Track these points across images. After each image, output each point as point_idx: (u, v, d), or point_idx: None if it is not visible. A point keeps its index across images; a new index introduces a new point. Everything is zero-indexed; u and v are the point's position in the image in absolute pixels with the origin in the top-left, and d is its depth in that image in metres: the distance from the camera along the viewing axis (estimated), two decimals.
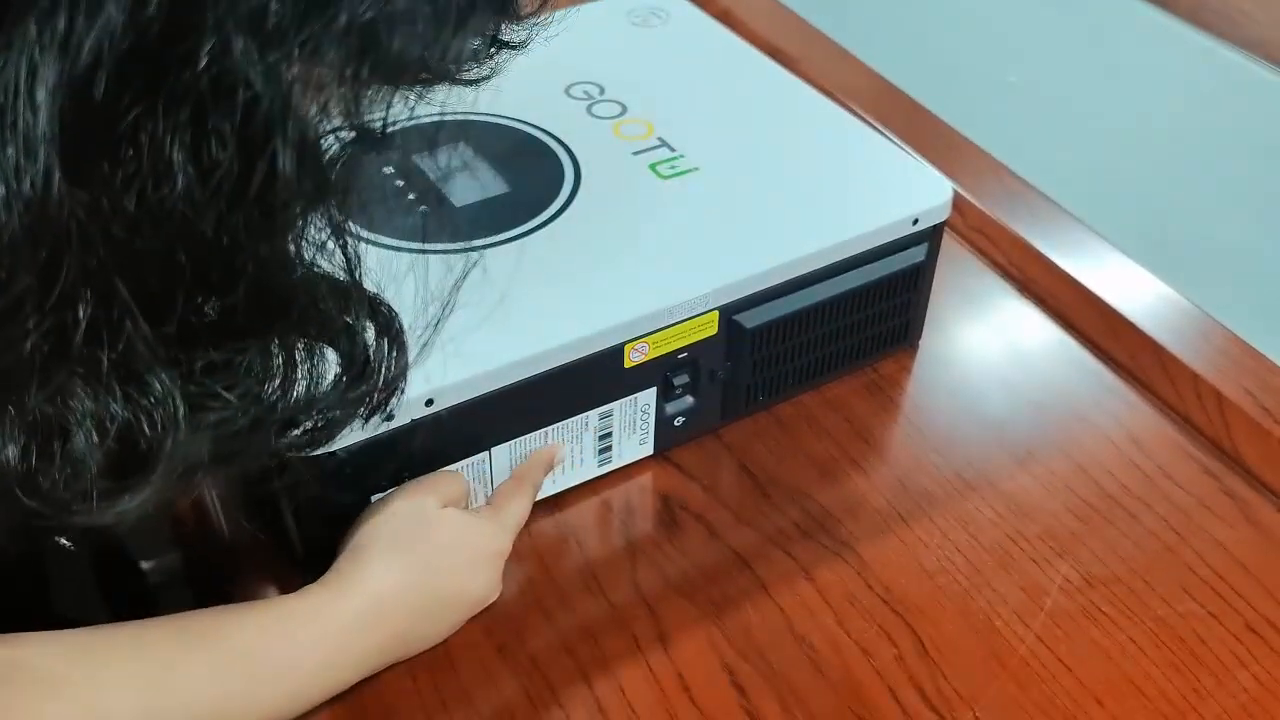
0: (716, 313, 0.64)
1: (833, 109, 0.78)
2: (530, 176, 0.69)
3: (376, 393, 0.45)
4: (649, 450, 0.68)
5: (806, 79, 0.81)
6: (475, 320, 0.52)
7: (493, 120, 0.74)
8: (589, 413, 0.63)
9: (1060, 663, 0.58)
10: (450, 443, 0.60)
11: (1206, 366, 0.72)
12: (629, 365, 0.63)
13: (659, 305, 0.62)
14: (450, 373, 0.56)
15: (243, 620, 0.52)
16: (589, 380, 0.62)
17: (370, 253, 0.43)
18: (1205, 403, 0.71)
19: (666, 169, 0.71)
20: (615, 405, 0.64)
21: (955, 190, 0.72)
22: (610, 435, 0.65)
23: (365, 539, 0.56)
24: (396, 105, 0.38)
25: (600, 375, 0.62)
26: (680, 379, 0.66)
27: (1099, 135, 1.38)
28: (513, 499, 0.61)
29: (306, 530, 0.59)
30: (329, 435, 0.45)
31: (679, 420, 0.67)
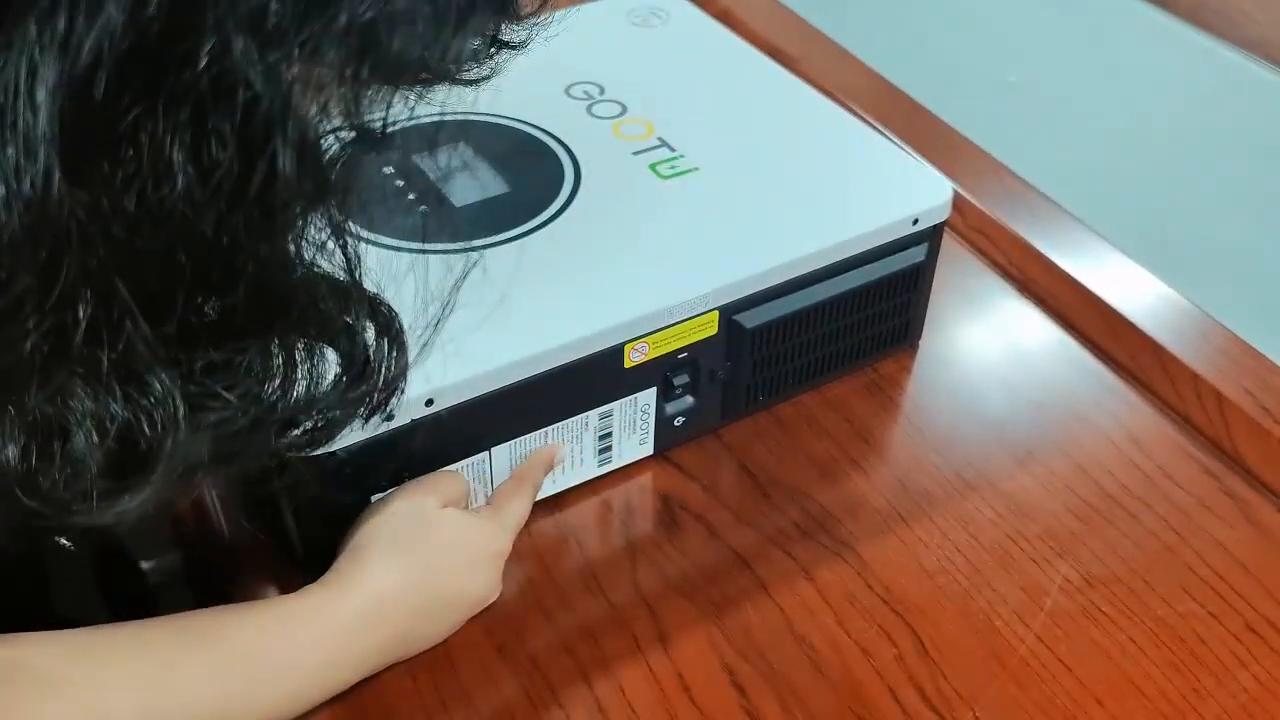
0: (716, 313, 0.64)
1: (833, 109, 0.78)
2: (530, 176, 0.69)
3: (376, 393, 0.45)
4: (649, 450, 0.68)
5: (806, 79, 0.81)
6: (475, 320, 0.52)
7: (493, 120, 0.74)
8: (589, 413, 0.63)
9: (1060, 663, 0.58)
10: (450, 443, 0.60)
11: (1206, 366, 0.72)
12: (629, 365, 0.63)
13: (659, 305, 0.62)
14: (450, 373, 0.56)
15: (243, 620, 0.52)
16: (589, 380, 0.62)
17: (370, 253, 0.43)
18: (1205, 403, 0.71)
19: (666, 169, 0.71)
20: (615, 405, 0.64)
21: (955, 190, 0.72)
22: (610, 435, 0.65)
23: (365, 539, 0.56)
24: (396, 105, 0.38)
25: (600, 375, 0.62)
26: (680, 379, 0.66)
27: (1099, 135, 1.37)
28: (512, 499, 0.61)
29: (306, 530, 0.59)
30: (329, 435, 0.45)
31: (679, 420, 0.67)
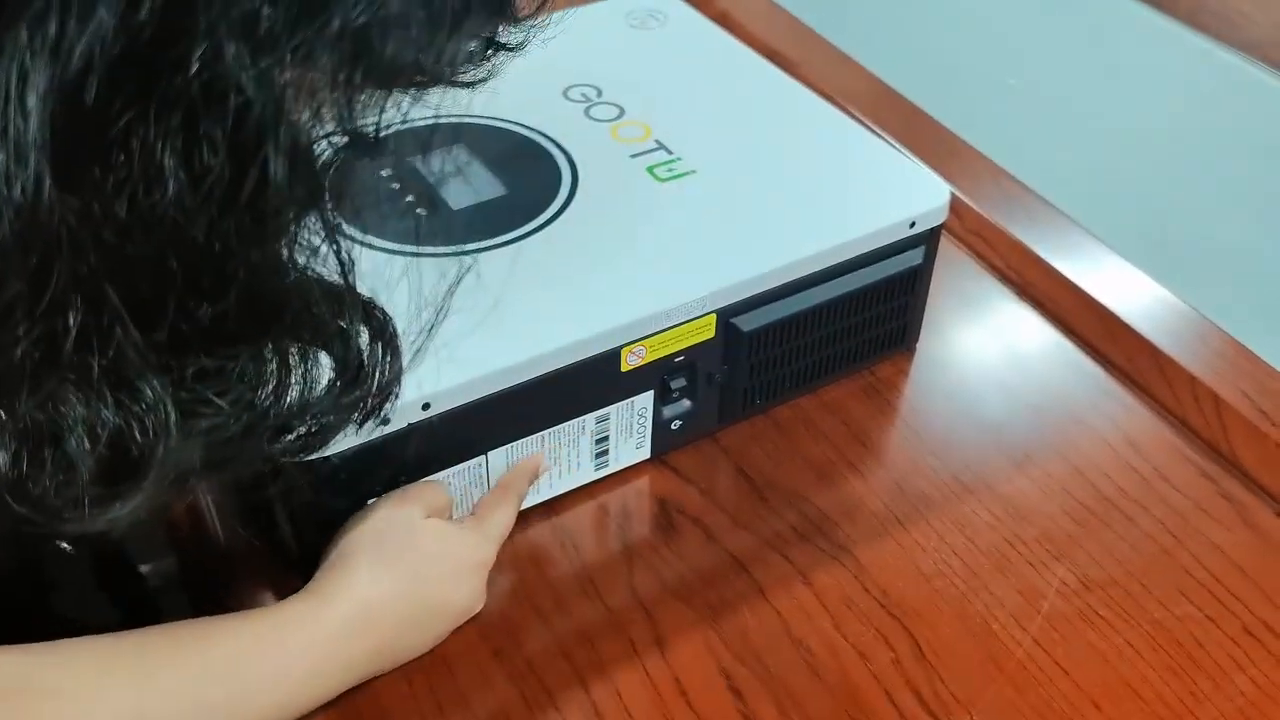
0: (714, 316, 0.64)
1: (830, 112, 0.78)
2: (527, 179, 0.69)
3: (370, 398, 0.45)
4: (646, 454, 0.68)
5: (804, 82, 0.81)
6: (470, 325, 0.52)
7: (489, 123, 0.74)
8: (586, 416, 0.63)
9: (1057, 666, 0.58)
10: (446, 447, 0.60)
11: (1204, 369, 0.72)
12: (626, 369, 0.63)
13: (656, 308, 0.62)
14: (445, 377, 0.55)
15: (234, 628, 0.52)
16: (586, 384, 0.62)
17: (365, 256, 0.43)
18: (1202, 405, 0.71)
19: (664, 172, 0.71)
20: (612, 409, 0.64)
21: (953, 193, 0.72)
22: (607, 439, 0.65)
23: (350, 547, 0.55)
24: (391, 109, 0.38)
25: (597, 379, 0.62)
26: (677, 382, 0.65)
27: (1097, 138, 1.37)
28: (496, 509, 0.61)
29: (302, 535, 0.59)
30: (323, 440, 0.45)
31: (676, 424, 0.67)
